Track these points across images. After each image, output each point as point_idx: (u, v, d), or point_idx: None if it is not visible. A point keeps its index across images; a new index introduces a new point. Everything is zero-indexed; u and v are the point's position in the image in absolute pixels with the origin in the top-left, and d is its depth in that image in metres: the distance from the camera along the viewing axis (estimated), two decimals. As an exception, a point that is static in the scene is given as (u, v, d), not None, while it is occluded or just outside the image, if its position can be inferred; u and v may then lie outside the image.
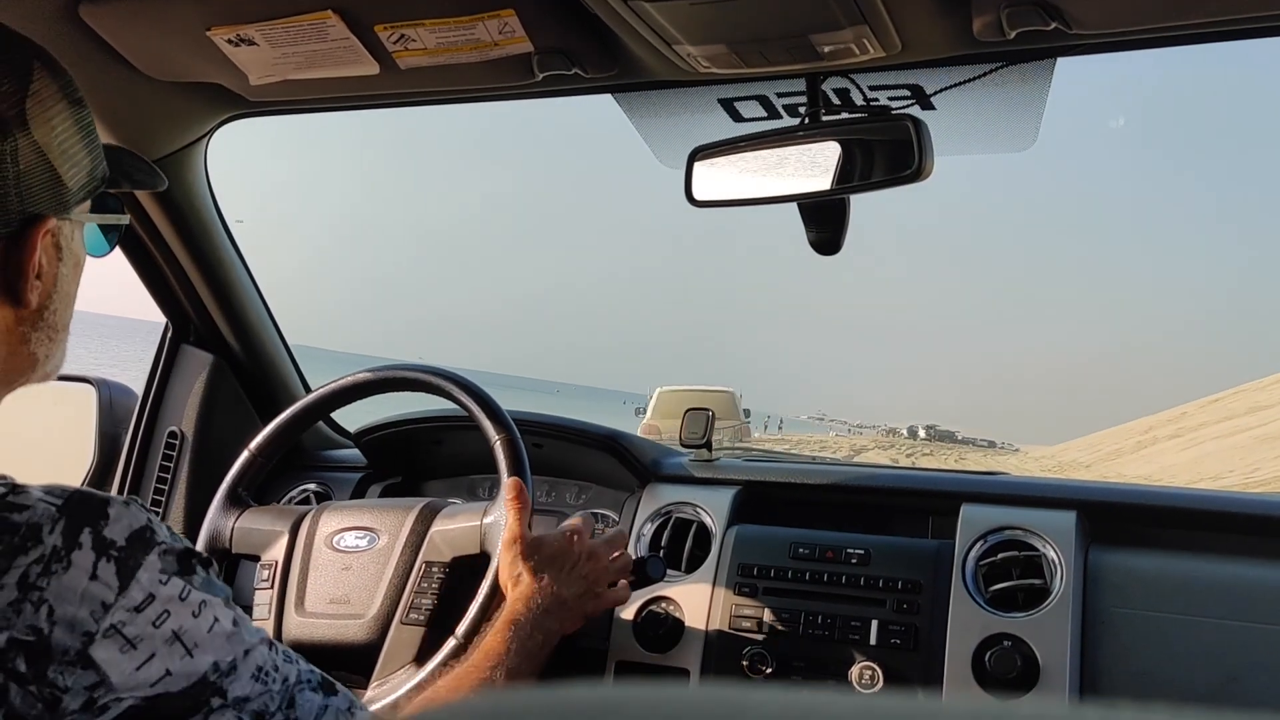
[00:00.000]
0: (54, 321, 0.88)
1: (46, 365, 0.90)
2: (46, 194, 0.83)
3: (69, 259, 0.89)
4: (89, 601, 0.68)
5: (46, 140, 0.82)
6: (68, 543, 0.69)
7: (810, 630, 1.53)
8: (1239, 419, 24.47)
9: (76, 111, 0.86)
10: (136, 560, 0.71)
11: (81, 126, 0.87)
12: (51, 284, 0.86)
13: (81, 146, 0.87)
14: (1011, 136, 1.38)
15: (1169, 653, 1.38)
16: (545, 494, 1.93)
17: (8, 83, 0.80)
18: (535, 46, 1.26)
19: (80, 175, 0.87)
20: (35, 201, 0.82)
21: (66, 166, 0.84)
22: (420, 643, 1.44)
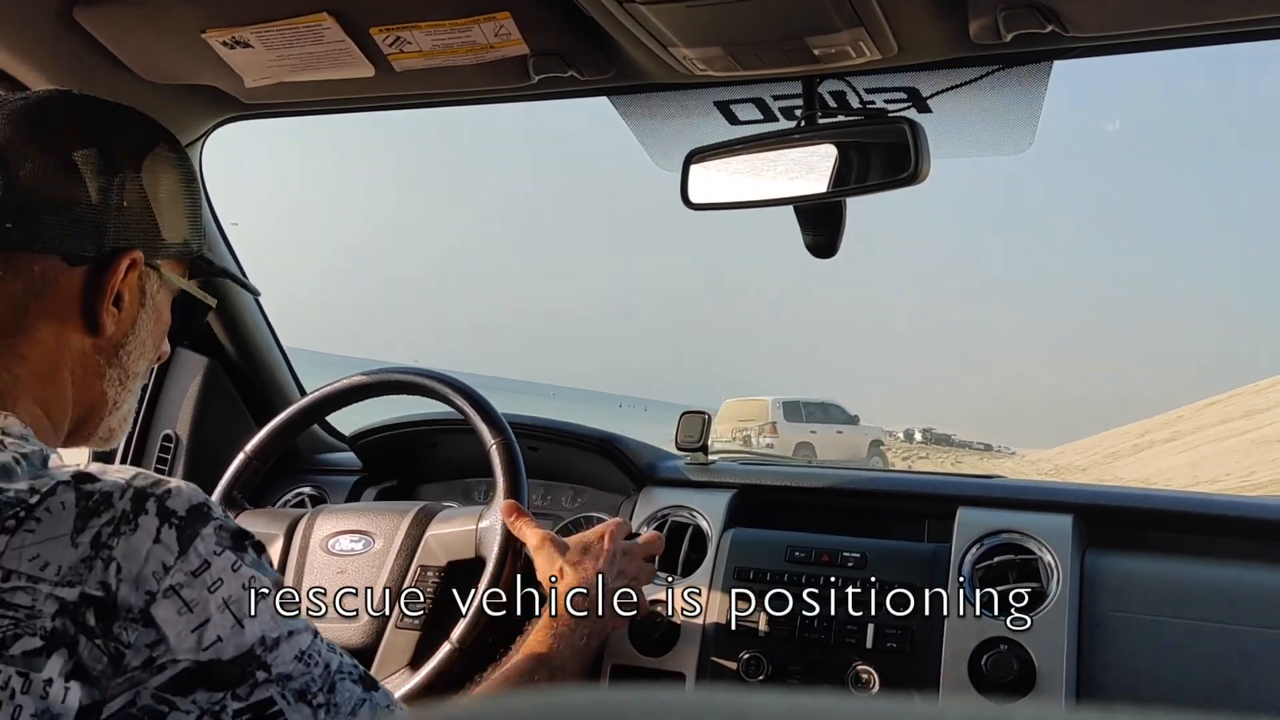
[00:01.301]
0: (128, 365, 0.95)
1: (114, 414, 0.96)
2: (141, 234, 0.92)
3: (150, 308, 0.96)
4: (152, 561, 0.74)
5: (153, 190, 0.93)
6: (135, 509, 0.75)
7: (806, 634, 1.53)
8: (1235, 422, 24.52)
9: (187, 187, 0.98)
10: (194, 530, 0.77)
11: (188, 200, 0.98)
12: (129, 324, 0.94)
13: (183, 215, 0.97)
14: (1008, 139, 1.39)
15: (1166, 656, 1.38)
16: (541, 497, 1.93)
17: (135, 139, 0.93)
18: (531, 49, 1.26)
19: (175, 236, 0.96)
20: (129, 237, 0.91)
21: (165, 221, 0.94)
22: (415, 646, 1.44)
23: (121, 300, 0.92)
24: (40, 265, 0.87)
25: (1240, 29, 1.10)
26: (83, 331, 0.90)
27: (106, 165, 0.90)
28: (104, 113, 0.94)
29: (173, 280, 0.99)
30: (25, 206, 0.86)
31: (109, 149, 0.91)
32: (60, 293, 0.88)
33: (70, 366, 0.91)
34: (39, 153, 0.87)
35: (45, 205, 0.86)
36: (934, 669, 1.45)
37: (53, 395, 0.89)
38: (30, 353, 0.87)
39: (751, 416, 21.01)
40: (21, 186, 0.86)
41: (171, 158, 0.96)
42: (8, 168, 0.86)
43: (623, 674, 1.62)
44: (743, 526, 1.70)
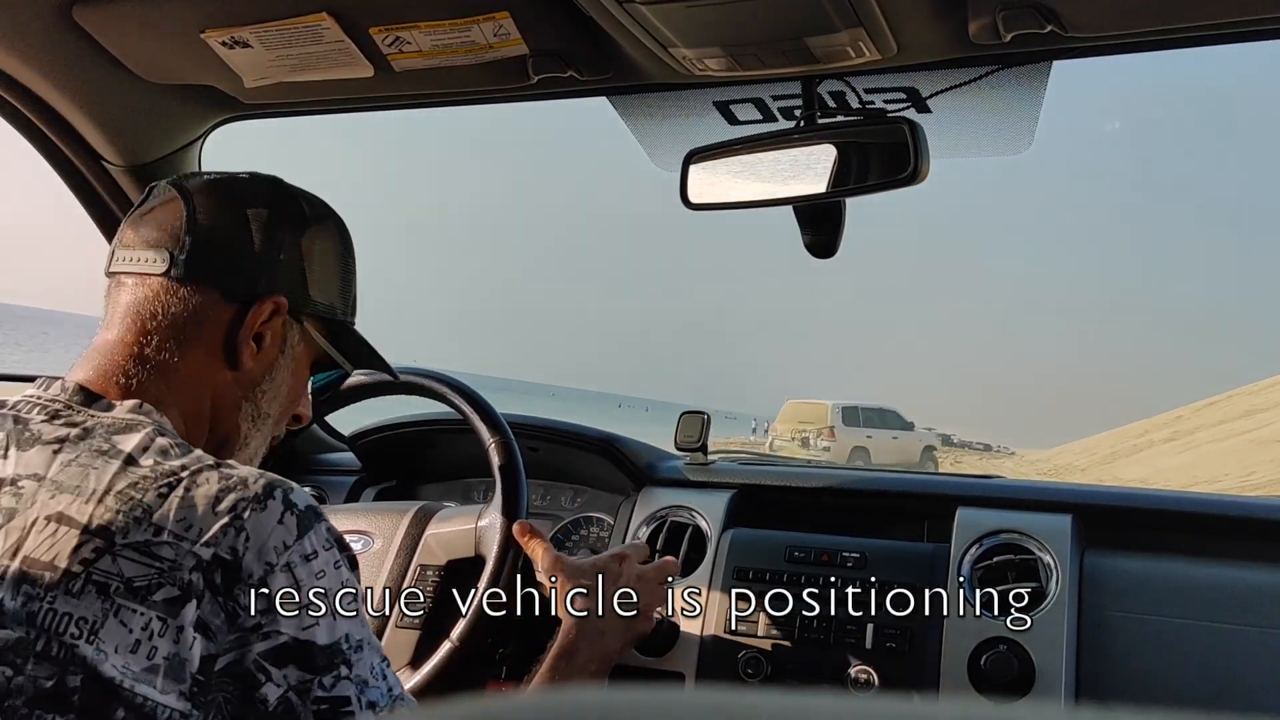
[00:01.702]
0: (261, 404, 1.06)
1: (244, 450, 1.06)
2: (290, 285, 1.04)
3: (289, 356, 1.07)
4: (274, 538, 0.85)
5: (309, 253, 1.06)
6: (265, 493, 0.87)
7: (806, 634, 1.53)
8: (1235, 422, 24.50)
9: (343, 258, 1.11)
10: (310, 523, 0.89)
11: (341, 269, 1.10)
12: (267, 365, 1.05)
13: (335, 281, 1.09)
14: (1008, 139, 1.39)
15: (1165, 656, 1.38)
16: (540, 497, 1.92)
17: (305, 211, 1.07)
18: (530, 49, 1.26)
19: (323, 297, 1.07)
20: (278, 285, 1.03)
21: (314, 280, 1.06)
22: (415, 646, 1.44)
23: (262, 340, 1.03)
24: (202, 297, 1.00)
25: (1240, 29, 1.10)
26: (225, 364, 1.01)
27: (273, 223, 1.03)
28: (285, 189, 1.08)
29: (313, 337, 1.09)
30: (199, 244, 1.00)
31: (279, 212, 1.05)
32: (213, 324, 1.00)
33: (212, 393, 1.02)
34: (219, 204, 1.02)
35: (215, 245, 1.00)
36: (933, 669, 1.45)
37: (195, 414, 1.00)
38: (183, 371, 0.99)
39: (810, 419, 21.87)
40: (199, 227, 1.00)
41: (334, 232, 1.10)
42: (193, 212, 1.01)
43: (622, 674, 1.62)
44: (742, 526, 1.70)
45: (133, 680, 0.79)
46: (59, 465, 0.86)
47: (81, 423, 0.90)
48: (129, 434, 0.89)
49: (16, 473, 0.86)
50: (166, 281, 1.00)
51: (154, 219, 1.02)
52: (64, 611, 0.79)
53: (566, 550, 1.84)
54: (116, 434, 0.89)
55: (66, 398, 0.93)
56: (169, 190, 1.04)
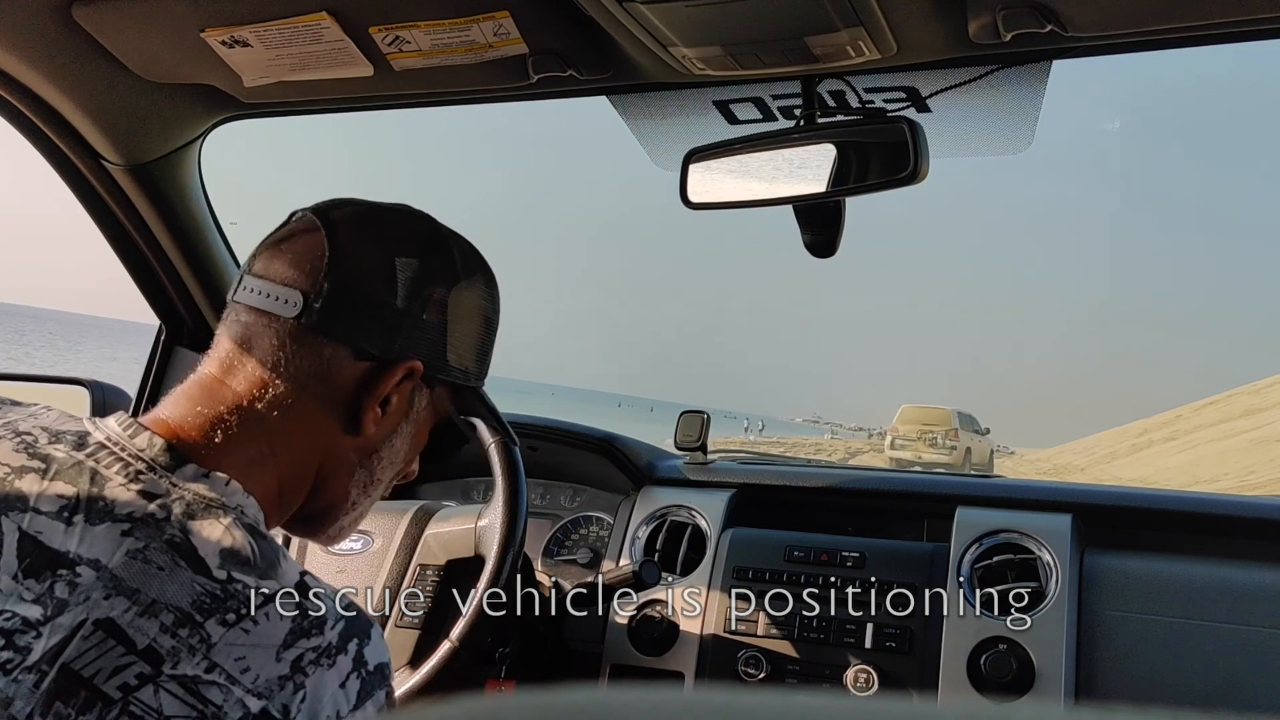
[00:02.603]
0: (375, 471, 0.97)
1: (349, 515, 0.99)
2: (428, 349, 0.94)
3: (412, 422, 0.98)
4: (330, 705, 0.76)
5: (454, 313, 0.96)
6: (339, 645, 0.78)
7: (805, 633, 1.53)
8: (1234, 422, 24.50)
9: (487, 322, 1.01)
10: (373, 689, 0.79)
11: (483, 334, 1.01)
12: (389, 431, 0.96)
13: (474, 346, 1.00)
14: (1007, 139, 1.38)
15: (1164, 656, 1.38)
16: (540, 497, 1.92)
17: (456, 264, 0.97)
18: (530, 48, 1.25)
19: (459, 362, 0.98)
20: (416, 347, 0.93)
21: (454, 344, 0.97)
22: (415, 646, 1.44)
23: (388, 405, 0.93)
24: (330, 351, 0.90)
25: (1240, 29, 1.10)
26: (344, 426, 0.92)
27: (422, 276, 0.93)
28: (437, 233, 0.98)
29: (441, 403, 1.01)
30: (338, 290, 0.90)
31: (430, 264, 0.94)
32: (338, 383, 0.91)
33: (322, 457, 0.93)
34: (366, 246, 0.92)
35: (354, 296, 0.90)
36: (933, 668, 1.45)
37: (297, 478, 0.91)
38: (294, 432, 0.90)
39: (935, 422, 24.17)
40: (339, 274, 0.90)
41: (483, 291, 1.00)
42: (336, 252, 0.91)
43: (622, 674, 1.62)
44: (742, 526, 1.70)
45: None
46: (123, 555, 0.75)
47: (161, 495, 0.79)
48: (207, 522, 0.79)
49: (79, 552, 0.75)
50: (295, 327, 0.89)
51: (292, 250, 0.92)
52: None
53: (566, 550, 1.84)
54: (194, 520, 0.79)
55: (152, 455, 0.82)
56: (311, 220, 0.94)
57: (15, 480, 0.79)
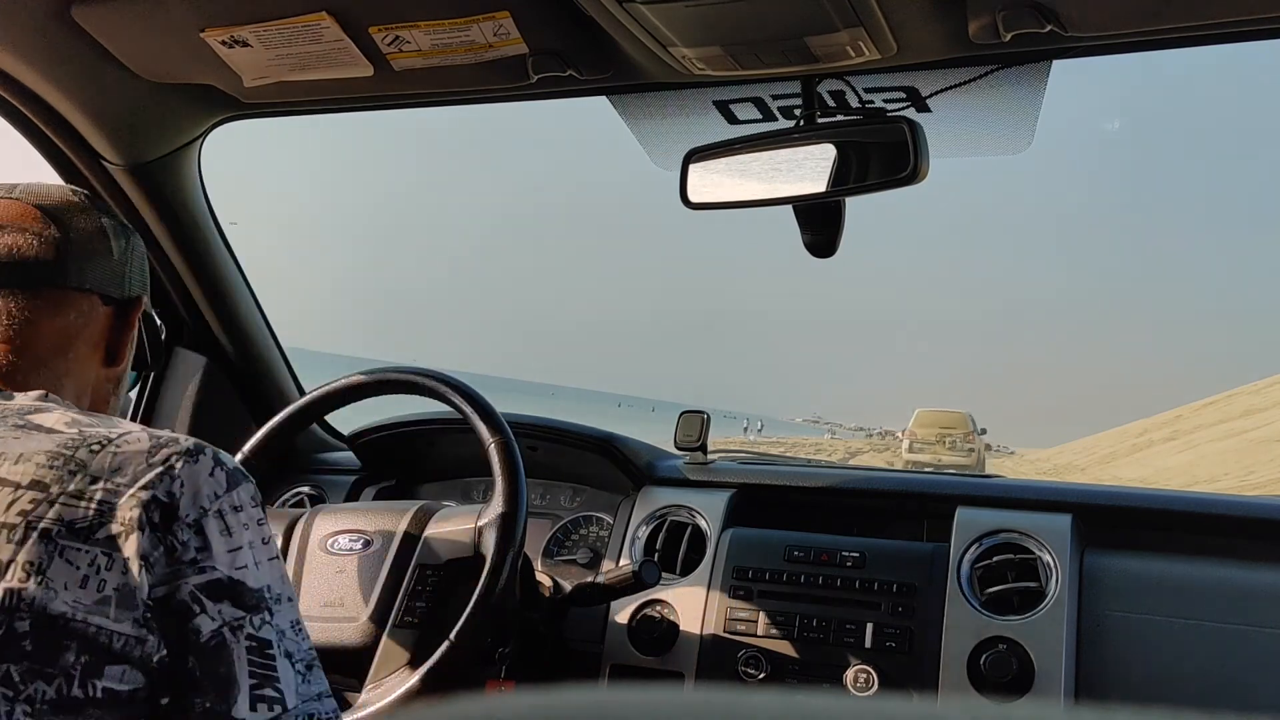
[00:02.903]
0: (119, 392, 1.13)
1: None
2: (142, 284, 1.12)
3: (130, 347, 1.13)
4: (206, 487, 0.90)
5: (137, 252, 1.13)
6: (196, 450, 0.92)
7: (805, 633, 1.53)
8: (1235, 421, 24.50)
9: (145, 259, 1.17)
10: (237, 481, 0.93)
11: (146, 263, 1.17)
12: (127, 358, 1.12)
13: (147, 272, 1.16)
14: (1007, 139, 1.39)
15: (1164, 656, 1.38)
16: (540, 497, 1.92)
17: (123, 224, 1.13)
18: (530, 48, 1.25)
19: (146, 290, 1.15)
20: (138, 285, 1.11)
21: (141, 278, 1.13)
22: (414, 646, 1.44)
23: None
24: (86, 302, 1.06)
25: (1240, 29, 1.10)
26: (103, 362, 1.08)
27: (119, 231, 1.11)
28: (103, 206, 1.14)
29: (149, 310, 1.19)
30: (78, 255, 1.05)
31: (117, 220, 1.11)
32: (97, 328, 1.07)
33: (92, 390, 1.08)
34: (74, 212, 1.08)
35: (90, 255, 1.06)
36: (932, 668, 1.45)
37: None
38: (72, 371, 1.05)
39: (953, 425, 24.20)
40: (73, 240, 1.05)
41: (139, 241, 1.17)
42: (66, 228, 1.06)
43: (622, 673, 1.62)
44: (742, 526, 1.70)
45: (84, 613, 0.82)
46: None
47: None
48: (42, 414, 0.93)
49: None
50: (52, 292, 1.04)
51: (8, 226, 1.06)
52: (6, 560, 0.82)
53: (566, 550, 1.84)
54: (30, 414, 0.93)
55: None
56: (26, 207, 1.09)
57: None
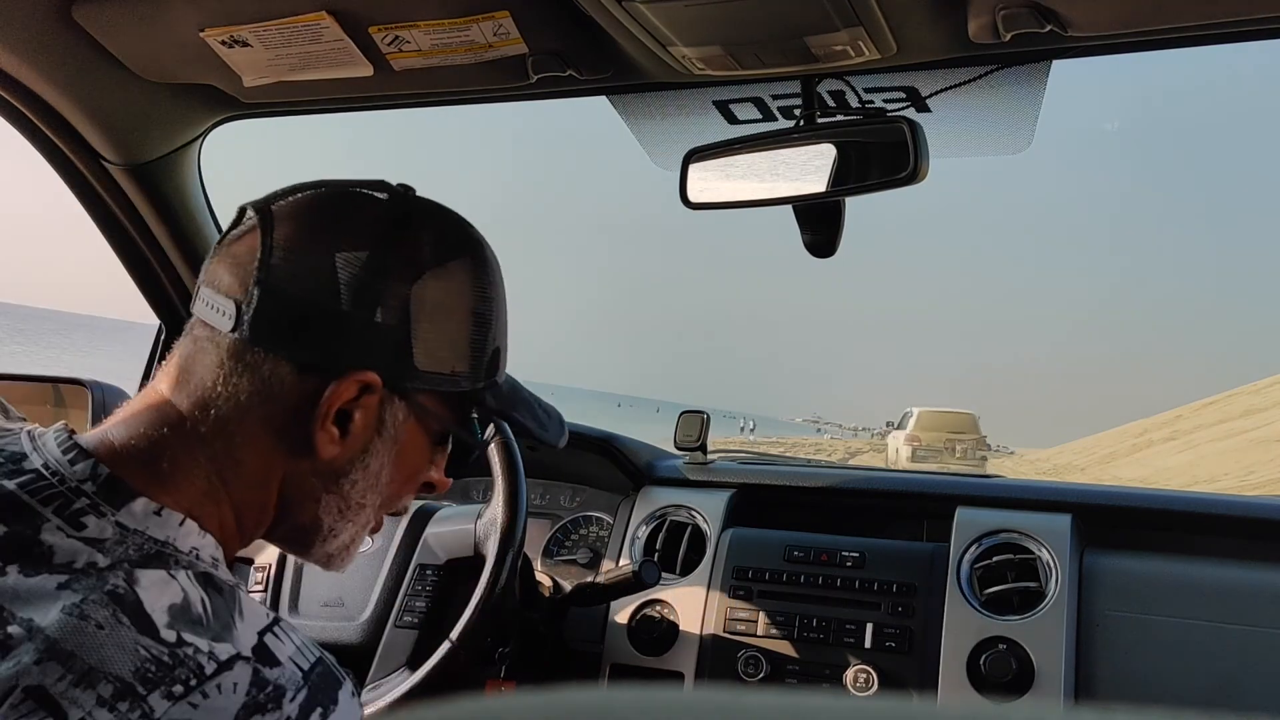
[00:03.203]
0: (350, 495, 0.85)
1: (332, 542, 0.88)
2: (384, 354, 0.81)
3: (389, 439, 0.85)
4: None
5: (419, 309, 0.81)
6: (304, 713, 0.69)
7: (805, 633, 1.53)
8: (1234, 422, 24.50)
9: (470, 317, 0.85)
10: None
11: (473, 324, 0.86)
12: (356, 451, 0.83)
13: (460, 342, 0.85)
14: (1007, 139, 1.38)
15: (1164, 656, 1.38)
16: (539, 497, 1.92)
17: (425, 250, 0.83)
18: (530, 48, 1.25)
19: (436, 365, 0.84)
20: (370, 356, 0.81)
21: (424, 346, 0.82)
22: (414, 645, 1.44)
23: (349, 424, 0.81)
24: (270, 367, 0.79)
25: (1240, 29, 1.10)
26: (295, 449, 0.81)
27: (373, 270, 0.80)
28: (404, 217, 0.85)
29: (428, 413, 0.86)
30: (266, 300, 0.79)
31: (387, 255, 0.81)
32: (281, 401, 0.80)
33: (280, 484, 0.83)
34: (305, 240, 0.80)
35: (286, 302, 0.79)
36: (932, 668, 1.45)
37: (251, 508, 0.82)
38: (242, 459, 0.80)
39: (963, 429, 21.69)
40: (270, 278, 0.79)
41: (466, 279, 0.85)
42: (269, 252, 0.79)
43: (622, 673, 1.62)
44: (741, 526, 1.70)
45: None
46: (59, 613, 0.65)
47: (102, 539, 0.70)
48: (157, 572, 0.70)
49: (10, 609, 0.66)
50: (233, 342, 0.79)
51: (232, 254, 0.82)
52: None
53: (566, 550, 1.84)
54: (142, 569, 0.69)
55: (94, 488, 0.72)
56: (252, 214, 0.83)
57: None
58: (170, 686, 0.65)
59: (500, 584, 1.39)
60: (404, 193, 0.87)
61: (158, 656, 0.66)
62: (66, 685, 0.63)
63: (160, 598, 0.68)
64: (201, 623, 0.69)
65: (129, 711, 0.63)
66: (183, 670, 0.66)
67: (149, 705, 0.64)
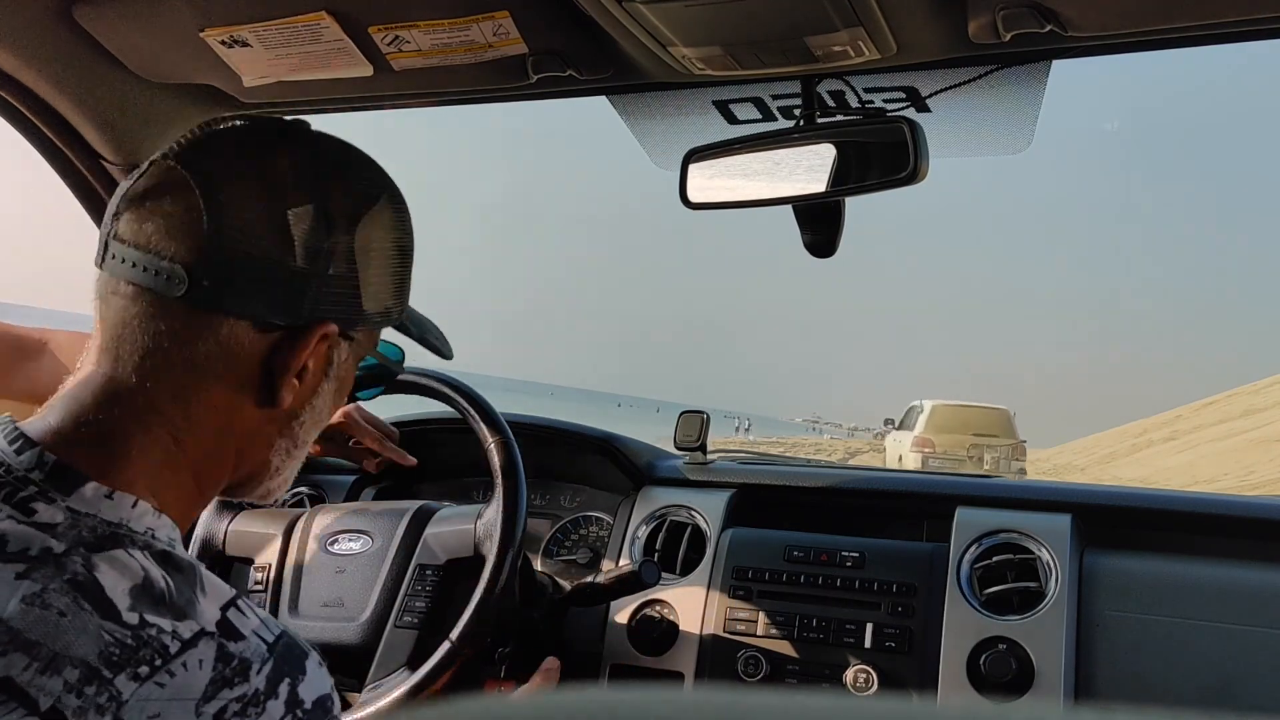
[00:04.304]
0: (298, 435, 0.88)
1: (275, 479, 0.90)
2: (341, 305, 0.84)
3: (334, 379, 0.88)
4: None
5: (364, 256, 0.84)
6: (268, 689, 0.70)
7: (805, 633, 1.53)
8: (1234, 422, 24.51)
9: (402, 250, 0.89)
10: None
11: (399, 265, 0.89)
12: (309, 395, 0.86)
13: (390, 282, 0.89)
14: (1007, 139, 1.39)
15: (1164, 656, 1.38)
16: (539, 497, 1.92)
17: (358, 193, 0.85)
18: (530, 48, 1.25)
19: (377, 305, 0.88)
20: (328, 307, 0.83)
21: (369, 289, 0.86)
22: (414, 646, 1.44)
23: (305, 372, 0.84)
24: (229, 328, 0.79)
25: (1240, 29, 1.10)
26: (257, 402, 0.82)
27: (321, 225, 0.81)
28: (332, 158, 0.86)
29: (362, 346, 0.91)
30: (225, 263, 0.78)
31: (327, 206, 0.82)
32: (242, 359, 0.80)
33: (237, 437, 0.83)
34: (249, 201, 0.79)
35: (246, 264, 0.78)
36: (932, 668, 1.45)
37: (210, 466, 0.82)
38: (200, 419, 0.80)
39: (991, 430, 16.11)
40: (224, 241, 0.78)
41: (391, 217, 0.88)
42: (217, 219, 0.78)
43: (622, 673, 1.62)
44: (741, 526, 1.70)
45: None
46: (19, 603, 0.65)
47: (55, 525, 0.69)
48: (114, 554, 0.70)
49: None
50: (184, 307, 0.78)
51: (161, 212, 0.79)
52: None
53: (566, 550, 1.84)
54: (99, 553, 0.69)
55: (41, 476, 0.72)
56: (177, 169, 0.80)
57: None
58: (136, 668, 0.66)
59: (500, 584, 1.39)
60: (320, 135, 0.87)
61: (121, 640, 0.66)
62: (33, 674, 0.63)
63: (120, 580, 0.69)
64: (164, 601, 0.70)
65: (96, 695, 0.64)
66: (147, 651, 0.67)
67: (116, 688, 0.65)
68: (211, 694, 0.68)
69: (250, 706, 0.69)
